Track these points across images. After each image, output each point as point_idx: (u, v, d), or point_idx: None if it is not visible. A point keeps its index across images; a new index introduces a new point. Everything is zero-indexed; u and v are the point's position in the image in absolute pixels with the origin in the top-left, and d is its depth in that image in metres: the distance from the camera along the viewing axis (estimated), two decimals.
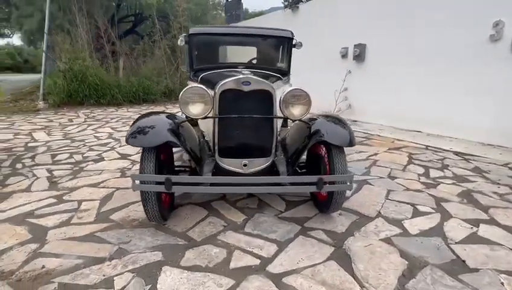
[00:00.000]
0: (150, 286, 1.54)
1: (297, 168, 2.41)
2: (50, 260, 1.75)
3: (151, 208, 1.93)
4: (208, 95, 1.97)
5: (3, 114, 6.84)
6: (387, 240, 1.96)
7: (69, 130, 5.32)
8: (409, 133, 5.20)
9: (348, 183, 1.95)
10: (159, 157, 2.00)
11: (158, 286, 1.54)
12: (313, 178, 1.87)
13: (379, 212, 2.36)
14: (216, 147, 2.14)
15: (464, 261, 1.76)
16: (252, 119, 2.09)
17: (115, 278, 1.59)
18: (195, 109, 1.98)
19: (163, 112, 2.23)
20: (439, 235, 2.03)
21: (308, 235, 2.03)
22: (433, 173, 3.25)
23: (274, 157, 2.22)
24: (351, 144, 2.05)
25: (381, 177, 3.10)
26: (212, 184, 1.95)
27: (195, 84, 2.01)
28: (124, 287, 1.53)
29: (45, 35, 7.02)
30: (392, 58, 5.62)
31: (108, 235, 2.01)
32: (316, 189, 1.87)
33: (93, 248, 1.86)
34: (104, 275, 1.62)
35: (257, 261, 1.75)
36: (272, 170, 2.22)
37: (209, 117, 2.03)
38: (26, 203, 2.46)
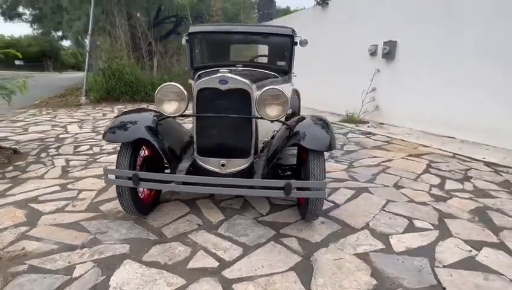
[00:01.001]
0: (104, 277, 1.60)
1: (280, 171, 2.32)
2: (31, 243, 1.90)
3: (125, 201, 2.00)
4: (183, 93, 1.98)
5: (51, 108, 7.65)
6: (363, 256, 1.79)
7: (99, 124, 5.76)
8: (439, 139, 4.71)
9: (322, 191, 1.81)
10: (137, 153, 2.06)
11: (112, 278, 1.59)
12: (282, 183, 1.78)
13: (367, 224, 2.17)
14: (195, 146, 2.14)
15: (444, 288, 1.53)
16: (229, 118, 2.05)
17: (77, 266, 1.68)
18: (170, 107, 2.00)
19: (148, 109, 2.29)
20: (427, 255, 1.80)
21: (279, 242, 1.94)
22: (450, 185, 2.90)
23: (254, 158, 2.16)
24: (330, 148, 1.90)
25: (385, 186, 2.85)
26: (184, 183, 1.96)
27: (173, 83, 2.03)
28: (81, 275, 1.61)
29: (89, 36, 7.72)
30: (426, 56, 5.14)
31: (90, 224, 2.13)
32: (284, 194, 1.77)
33: (72, 235, 1.98)
34: (69, 262, 1.71)
35: (216, 264, 1.72)
36: (251, 172, 2.16)
37: (184, 115, 2.04)
38: (34, 189, 2.70)
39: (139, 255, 1.80)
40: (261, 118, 1.99)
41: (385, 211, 2.36)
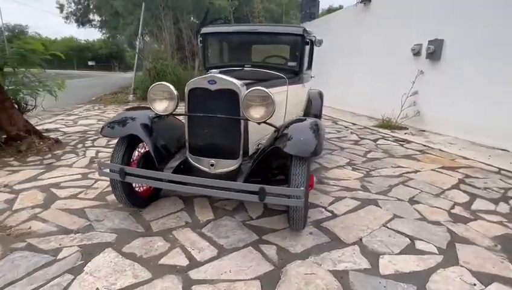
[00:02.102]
0: (82, 262, 1.71)
1: (270, 175, 2.24)
2: (38, 223, 2.13)
3: (117, 193, 2.13)
4: (173, 93, 2.03)
5: (103, 104, 8.49)
6: (341, 274, 1.64)
7: None
8: (487, 151, 4.11)
9: (299, 199, 1.70)
10: (132, 149, 2.18)
11: (88, 263, 1.70)
12: (256, 187, 1.71)
13: (360, 239, 1.98)
14: (187, 144, 2.19)
15: None
16: (218, 119, 2.04)
17: (64, 249, 1.83)
18: (161, 106, 2.07)
19: (148, 108, 2.39)
20: (417, 283, 1.58)
21: (257, 248, 1.87)
22: (479, 205, 2.51)
23: (243, 160, 2.12)
24: (314, 154, 1.78)
25: (398, 200, 2.58)
26: (169, 181, 2.00)
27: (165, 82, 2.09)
28: (64, 257, 1.75)
29: (138, 39, 8.41)
30: (478, 57, 4.52)
31: (91, 212, 2.31)
32: (258, 199, 1.71)
33: (72, 220, 2.17)
34: (60, 245, 1.88)
35: (186, 263, 1.73)
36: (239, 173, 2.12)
37: (174, 114, 2.09)
38: (60, 176, 3.02)
39: (120, 245, 1.89)
40: (247, 119, 1.95)
41: (387, 227, 2.13)
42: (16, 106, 3.70)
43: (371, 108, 6.82)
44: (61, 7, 14.93)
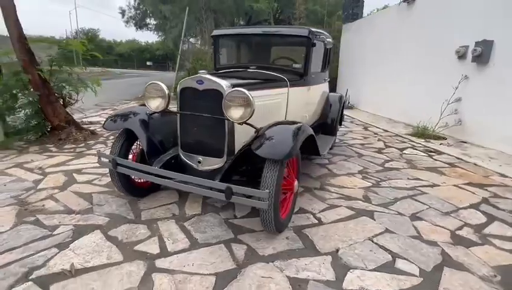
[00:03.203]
0: (70, 239, 1.93)
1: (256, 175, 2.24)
2: (51, 202, 2.43)
3: (114, 181, 2.33)
4: (164, 91, 2.16)
5: None
6: (299, 282, 1.60)
7: None
8: None
9: (263, 201, 1.69)
10: (131, 142, 2.36)
11: (74, 241, 1.90)
12: (224, 186, 1.74)
13: (337, 250, 1.89)
14: (179, 141, 2.31)
15: None
16: (204, 117, 2.12)
17: (61, 226, 2.07)
18: (154, 103, 2.22)
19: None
20: None
21: (228, 246, 1.90)
22: (494, 229, 2.20)
23: (228, 159, 2.16)
24: (286, 157, 1.75)
25: (399, 214, 2.38)
26: (151, 173, 2.12)
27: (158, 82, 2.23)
28: (57, 234, 1.98)
29: (181, 41, 8.94)
30: None
31: (96, 197, 2.56)
32: (224, 198, 1.74)
33: (77, 202, 2.44)
34: (59, 222, 2.13)
35: (157, 251, 1.84)
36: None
37: (166, 112, 2.22)
38: (85, 163, 3.39)
39: (108, 228, 2.08)
40: (227, 119, 1.98)
41: (372, 241, 2.00)
42: (61, 100, 4.24)
43: (408, 115, 6.32)
44: (123, 12, 16.55)
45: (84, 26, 42.89)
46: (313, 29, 2.82)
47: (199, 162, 2.23)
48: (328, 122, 3.91)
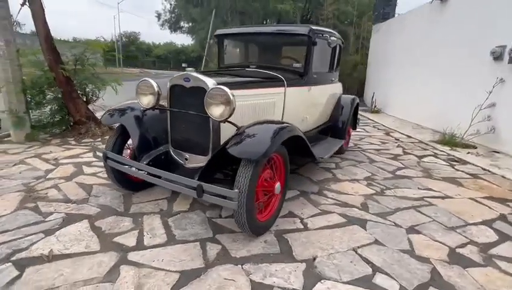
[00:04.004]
0: (58, 226, 2.03)
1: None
2: (54, 191, 2.59)
3: (109, 174, 2.43)
4: (154, 88, 2.21)
5: None
6: (262, 287, 1.53)
7: None
8: None
9: (233, 201, 1.64)
10: (126, 137, 2.44)
11: (62, 229, 2.00)
12: (195, 183, 1.73)
13: (314, 258, 1.78)
14: (169, 138, 2.34)
15: None
16: (189, 115, 2.13)
17: (54, 214, 2.20)
18: (145, 100, 2.26)
19: None
20: None
21: (203, 245, 1.89)
22: (503, 249, 1.95)
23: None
24: (261, 157, 1.69)
25: (395, 225, 2.20)
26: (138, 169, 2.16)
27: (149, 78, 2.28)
28: (49, 221, 2.09)
29: (207, 43, 9.15)
30: None
31: (96, 188, 2.68)
32: (196, 195, 1.72)
33: (77, 192, 2.57)
34: (54, 210, 2.25)
35: (133, 244, 1.87)
36: None
37: (156, 108, 2.26)
38: None
39: (96, 219, 2.16)
40: (208, 116, 1.97)
41: (355, 252, 1.86)
42: (84, 97, 4.53)
43: (436, 120, 5.85)
44: (158, 16, 17.39)
45: (127, 30, 45.74)
46: (315, 28, 2.71)
47: (186, 159, 2.25)
48: (338, 125, 3.75)
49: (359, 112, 7.94)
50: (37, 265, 1.64)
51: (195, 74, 2.07)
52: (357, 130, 5.83)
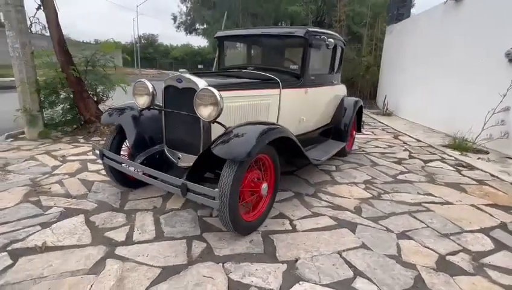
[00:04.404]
0: (55, 220, 2.13)
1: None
2: (57, 186, 2.71)
3: (107, 171, 2.52)
4: (148, 89, 2.28)
5: None
6: (239, 286, 1.55)
7: None
8: None
9: (214, 200, 1.67)
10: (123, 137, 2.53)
11: (58, 222, 2.10)
12: (180, 181, 1.77)
13: (296, 260, 1.78)
14: (163, 137, 2.40)
15: None
16: (181, 115, 2.18)
17: (53, 207, 2.30)
18: (141, 100, 2.34)
19: None
20: None
21: (189, 243, 1.93)
22: (498, 258, 1.87)
23: None
24: (244, 157, 1.71)
25: (386, 230, 2.16)
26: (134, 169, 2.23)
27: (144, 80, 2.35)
28: (47, 214, 2.20)
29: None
30: None
31: (96, 185, 2.78)
32: (180, 193, 1.76)
33: (78, 188, 2.68)
34: (54, 204, 2.36)
35: (122, 239, 1.94)
36: None
37: (151, 108, 2.33)
38: None
39: (92, 214, 2.25)
40: (192, 116, 2.01)
41: (340, 255, 1.84)
42: (94, 97, 4.70)
43: (448, 124, 5.66)
44: (174, 18, 17.75)
45: (146, 32, 46.97)
46: (312, 29, 2.70)
47: (179, 158, 2.30)
48: (340, 127, 3.71)
49: (370, 115, 7.92)
50: (30, 255, 1.73)
51: (187, 75, 2.12)
52: (365, 133, 5.75)
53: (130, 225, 2.12)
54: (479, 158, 4.16)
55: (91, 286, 1.52)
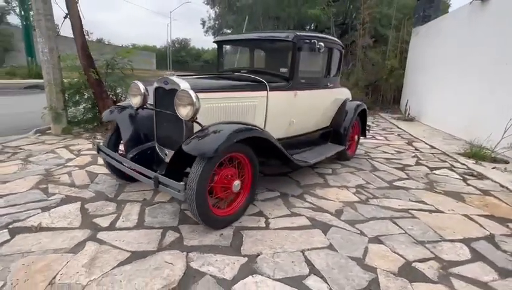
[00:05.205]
0: (55, 205, 2.39)
1: None
2: (66, 177, 3.01)
3: (105, 164, 2.76)
4: (140, 90, 2.48)
5: None
6: (195, 273, 1.66)
7: None
8: None
9: (180, 193, 1.81)
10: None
11: (57, 207, 2.35)
12: (152, 174, 1.93)
13: (258, 255, 1.85)
14: (155, 135, 2.59)
15: None
16: (167, 114, 2.35)
17: (56, 195, 2.58)
18: (135, 100, 2.55)
19: None
20: None
21: (164, 233, 2.07)
22: (469, 269, 1.80)
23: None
24: (209, 154, 1.82)
25: (359, 233, 2.15)
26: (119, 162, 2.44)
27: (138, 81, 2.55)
28: (50, 200, 2.47)
29: None
30: None
31: (100, 177, 3.04)
32: (153, 186, 1.92)
33: (83, 179, 2.95)
34: (58, 192, 2.64)
35: (106, 225, 2.14)
36: None
37: (144, 108, 2.53)
38: None
39: (88, 202, 2.49)
40: (176, 115, 2.16)
41: (303, 253, 1.88)
42: (114, 97, 5.09)
43: (469, 131, 5.34)
44: (203, 23, 18.41)
45: (179, 36, 49.03)
46: (301, 33, 2.75)
47: (166, 154, 2.47)
48: (339, 130, 3.69)
49: (390, 120, 7.66)
50: (25, 234, 1.98)
51: (171, 78, 2.29)
52: (378, 138, 5.61)
53: (118, 213, 2.32)
54: (494, 167, 3.90)
55: (67, 262, 1.71)
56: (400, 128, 6.67)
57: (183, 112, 2.09)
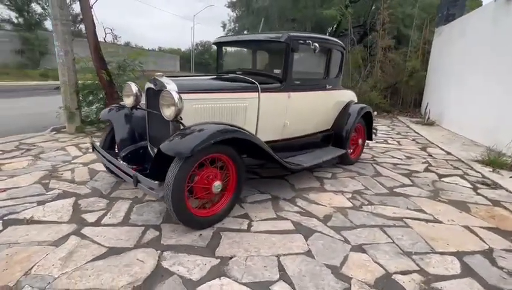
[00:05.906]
0: (51, 199, 2.51)
1: None
2: (68, 173, 3.15)
3: (102, 162, 2.85)
4: (132, 91, 2.54)
5: None
6: (164, 272, 1.67)
7: None
8: None
9: (154, 191, 1.83)
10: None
11: (52, 202, 2.47)
12: (132, 173, 1.96)
13: (231, 257, 1.83)
14: (147, 134, 2.65)
15: None
16: (155, 114, 2.39)
17: (56, 189, 2.70)
18: (128, 100, 2.62)
19: None
20: None
21: (145, 231, 2.10)
22: (456, 285, 1.66)
23: None
24: (186, 154, 1.83)
25: (343, 241, 2.06)
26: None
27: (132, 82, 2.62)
28: (48, 194, 2.60)
29: None
30: None
31: (100, 174, 3.15)
32: (133, 184, 1.96)
33: (83, 175, 3.08)
34: (57, 187, 2.77)
35: (93, 221, 2.21)
36: None
37: (137, 108, 2.60)
38: None
39: (82, 197, 2.59)
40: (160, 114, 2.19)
41: (278, 259, 1.83)
42: None
43: (493, 137, 4.97)
44: (224, 26, 18.66)
45: (203, 39, 50.02)
46: (295, 34, 2.69)
47: None
48: (340, 133, 3.58)
49: (408, 124, 7.33)
50: (17, 225, 2.10)
51: (160, 79, 2.33)
52: (390, 142, 5.39)
53: (107, 210, 2.39)
54: (511, 177, 3.61)
55: (47, 254, 1.79)
56: (417, 133, 6.36)
57: (167, 112, 2.12)
